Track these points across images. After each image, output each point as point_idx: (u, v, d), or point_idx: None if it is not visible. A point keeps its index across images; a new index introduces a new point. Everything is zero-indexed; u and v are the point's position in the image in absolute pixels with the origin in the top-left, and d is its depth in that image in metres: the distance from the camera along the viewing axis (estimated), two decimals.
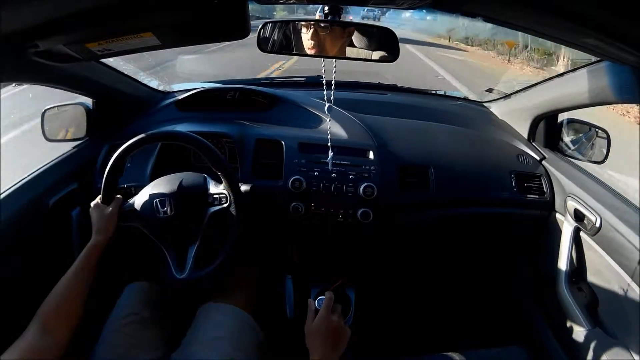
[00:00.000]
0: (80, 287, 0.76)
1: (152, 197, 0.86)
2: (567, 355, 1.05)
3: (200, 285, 0.88)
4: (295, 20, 0.79)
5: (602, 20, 0.52)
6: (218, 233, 0.90)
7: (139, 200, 0.88)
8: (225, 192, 0.88)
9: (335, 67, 0.88)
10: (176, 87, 1.44)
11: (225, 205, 0.88)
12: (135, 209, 0.87)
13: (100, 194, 0.87)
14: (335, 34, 0.77)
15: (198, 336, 0.85)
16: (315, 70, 1.15)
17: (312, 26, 0.77)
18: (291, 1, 0.75)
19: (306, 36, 0.78)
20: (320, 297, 0.82)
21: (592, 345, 0.94)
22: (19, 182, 0.95)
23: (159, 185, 0.89)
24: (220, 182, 0.90)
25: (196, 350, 0.81)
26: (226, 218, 0.89)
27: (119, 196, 0.89)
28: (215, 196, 0.89)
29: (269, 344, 0.94)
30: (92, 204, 0.88)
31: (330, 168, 1.04)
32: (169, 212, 0.85)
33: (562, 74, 1.04)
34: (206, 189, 0.90)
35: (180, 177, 0.91)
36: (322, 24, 0.76)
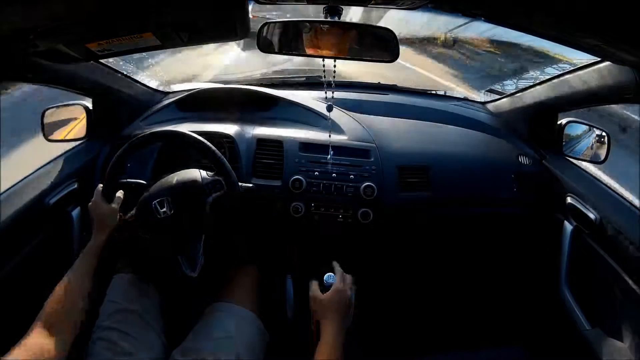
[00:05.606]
0: (83, 286, 0.75)
1: (149, 200, 0.84)
2: (567, 355, 1.05)
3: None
4: (295, 20, 0.79)
5: (602, 20, 0.52)
6: (222, 222, 0.89)
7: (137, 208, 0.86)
8: (220, 178, 0.87)
9: (335, 66, 0.88)
10: (176, 87, 1.44)
11: (222, 191, 0.86)
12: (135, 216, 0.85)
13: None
14: (335, 34, 0.77)
15: (206, 333, 0.84)
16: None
17: (312, 26, 0.77)
18: (291, 1, 0.75)
19: (306, 36, 0.78)
20: (328, 274, 0.80)
21: (592, 345, 0.93)
22: (19, 182, 0.95)
23: (155, 188, 0.87)
24: (214, 171, 0.88)
25: (204, 347, 0.80)
26: (226, 203, 0.88)
27: (119, 194, 0.88)
28: (210, 184, 0.87)
29: (270, 344, 0.93)
30: (92, 201, 0.86)
31: (330, 168, 1.04)
32: (168, 211, 0.83)
33: (562, 74, 1.04)
34: (201, 179, 0.88)
35: (174, 176, 0.89)
36: (322, 24, 0.76)
